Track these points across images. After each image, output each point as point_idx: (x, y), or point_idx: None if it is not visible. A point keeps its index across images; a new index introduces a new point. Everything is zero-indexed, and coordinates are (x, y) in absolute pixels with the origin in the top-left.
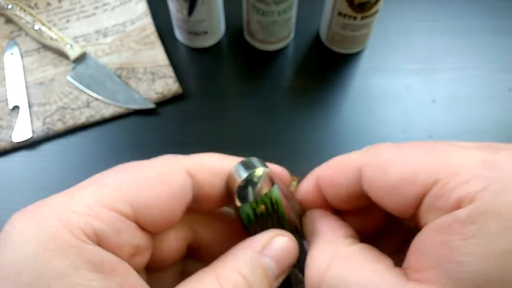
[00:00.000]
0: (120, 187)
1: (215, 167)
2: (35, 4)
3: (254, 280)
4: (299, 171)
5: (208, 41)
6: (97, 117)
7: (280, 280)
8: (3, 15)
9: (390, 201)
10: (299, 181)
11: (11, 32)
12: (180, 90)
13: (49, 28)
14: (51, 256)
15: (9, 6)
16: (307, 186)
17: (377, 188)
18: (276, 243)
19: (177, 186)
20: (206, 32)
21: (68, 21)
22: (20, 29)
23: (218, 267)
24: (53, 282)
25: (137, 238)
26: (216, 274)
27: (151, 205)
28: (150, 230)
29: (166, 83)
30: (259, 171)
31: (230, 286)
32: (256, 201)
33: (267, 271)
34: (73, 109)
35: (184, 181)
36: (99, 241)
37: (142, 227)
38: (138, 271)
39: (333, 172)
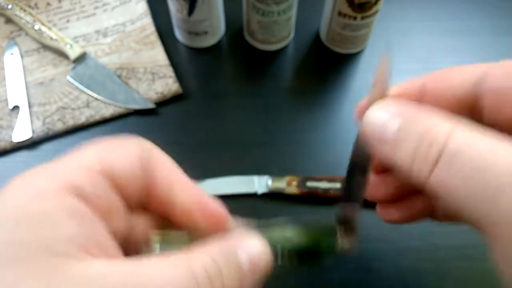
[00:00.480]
0: (87, 153)
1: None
2: (35, 4)
3: (226, 267)
4: (299, 171)
5: (208, 41)
6: (97, 117)
7: (252, 282)
8: (3, 15)
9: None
10: (299, 181)
11: (11, 32)
12: (180, 90)
13: (49, 28)
14: (35, 200)
15: (9, 6)
16: (410, 84)
17: (504, 89)
18: (251, 243)
19: (133, 150)
20: (206, 32)
21: (68, 21)
22: (20, 29)
23: (191, 252)
24: (33, 220)
25: (112, 197)
26: (189, 255)
27: (116, 162)
28: (121, 188)
29: (166, 83)
30: None
31: (199, 265)
32: None
33: (241, 263)
34: (73, 109)
35: (138, 148)
36: (79, 195)
37: (113, 185)
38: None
39: (449, 72)
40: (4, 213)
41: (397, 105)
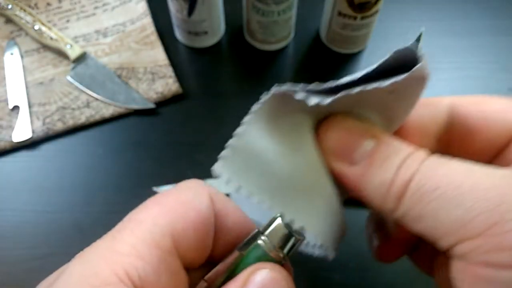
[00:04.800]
0: (156, 221)
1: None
2: (35, 4)
3: None
4: None
5: (208, 41)
6: (97, 117)
7: None
8: (3, 15)
9: (485, 130)
10: None
11: (11, 32)
12: (180, 90)
13: (49, 28)
14: None
15: (9, 6)
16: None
17: (474, 115)
18: (255, 279)
19: (205, 209)
20: (206, 32)
21: (68, 21)
22: (20, 29)
23: None
24: None
25: (177, 274)
26: None
27: (187, 231)
28: (189, 260)
29: (166, 83)
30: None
31: None
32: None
33: None
34: (73, 109)
35: (210, 204)
36: (142, 281)
37: (181, 260)
38: None
39: (422, 105)
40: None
41: (367, 125)
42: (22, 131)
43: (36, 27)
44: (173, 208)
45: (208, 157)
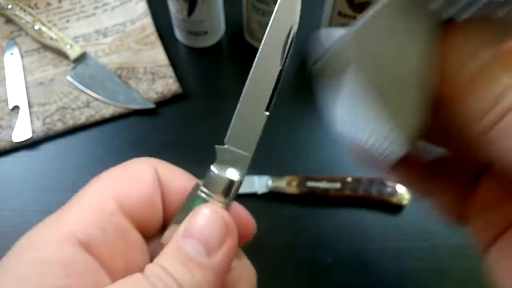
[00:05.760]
0: (97, 189)
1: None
2: (35, 4)
3: (178, 270)
4: (299, 171)
5: (208, 41)
6: (97, 117)
7: (231, 243)
8: (3, 15)
9: None
10: (299, 181)
11: (11, 32)
12: (180, 90)
13: (49, 28)
14: (34, 251)
15: (9, 6)
16: None
17: None
18: (198, 221)
19: (147, 174)
20: (206, 32)
21: (68, 21)
22: (20, 29)
23: (148, 265)
24: (27, 269)
25: (127, 233)
26: (143, 271)
27: (131, 194)
28: (141, 222)
29: (166, 83)
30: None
31: (153, 278)
32: None
33: (191, 255)
34: (73, 109)
35: (151, 170)
36: (88, 239)
37: (133, 223)
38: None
39: None
40: (4, 266)
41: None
42: (22, 131)
43: (36, 27)
44: (115, 178)
45: (208, 157)
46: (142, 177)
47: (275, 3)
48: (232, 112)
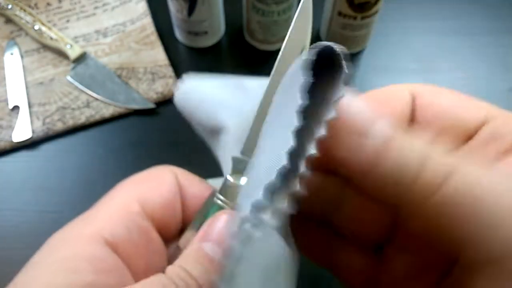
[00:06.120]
0: (123, 192)
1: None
2: (35, 4)
3: (197, 271)
4: None
5: (208, 41)
6: (97, 117)
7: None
8: (3, 15)
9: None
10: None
11: (11, 32)
12: None
13: (49, 28)
14: (62, 248)
15: (9, 6)
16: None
17: (431, 110)
18: (216, 225)
19: (168, 179)
20: (206, 32)
21: (68, 21)
22: (20, 29)
23: (169, 267)
24: (55, 265)
25: (150, 235)
26: (165, 272)
27: (154, 197)
28: (161, 225)
29: (166, 83)
30: None
31: (174, 278)
32: None
33: (210, 256)
34: (73, 109)
35: (172, 176)
36: (114, 238)
37: (154, 225)
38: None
39: (386, 95)
40: (36, 260)
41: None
42: (22, 131)
43: (36, 27)
44: (139, 182)
45: (208, 157)
46: (164, 182)
47: (276, 3)
48: None
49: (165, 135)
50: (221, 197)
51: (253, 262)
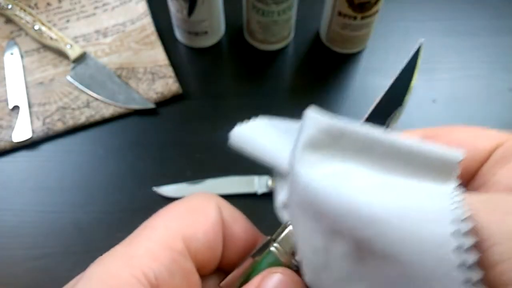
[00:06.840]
0: (168, 226)
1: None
2: (35, 4)
3: None
4: None
5: (208, 41)
6: (97, 117)
7: None
8: (3, 15)
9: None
10: None
11: (11, 32)
12: (180, 90)
13: (49, 28)
14: None
15: (9, 6)
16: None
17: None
18: (267, 283)
19: (213, 215)
20: (206, 32)
21: (68, 21)
22: (20, 29)
23: None
24: None
25: (191, 275)
26: None
27: (197, 235)
28: (201, 263)
29: (166, 83)
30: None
31: None
32: None
33: None
34: (73, 109)
35: (217, 211)
36: (158, 280)
37: (194, 262)
38: None
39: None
40: None
41: None
42: (22, 131)
43: (36, 27)
44: (183, 214)
45: (208, 157)
46: (209, 217)
47: (276, 3)
48: (232, 112)
49: (165, 135)
50: (278, 246)
51: None
